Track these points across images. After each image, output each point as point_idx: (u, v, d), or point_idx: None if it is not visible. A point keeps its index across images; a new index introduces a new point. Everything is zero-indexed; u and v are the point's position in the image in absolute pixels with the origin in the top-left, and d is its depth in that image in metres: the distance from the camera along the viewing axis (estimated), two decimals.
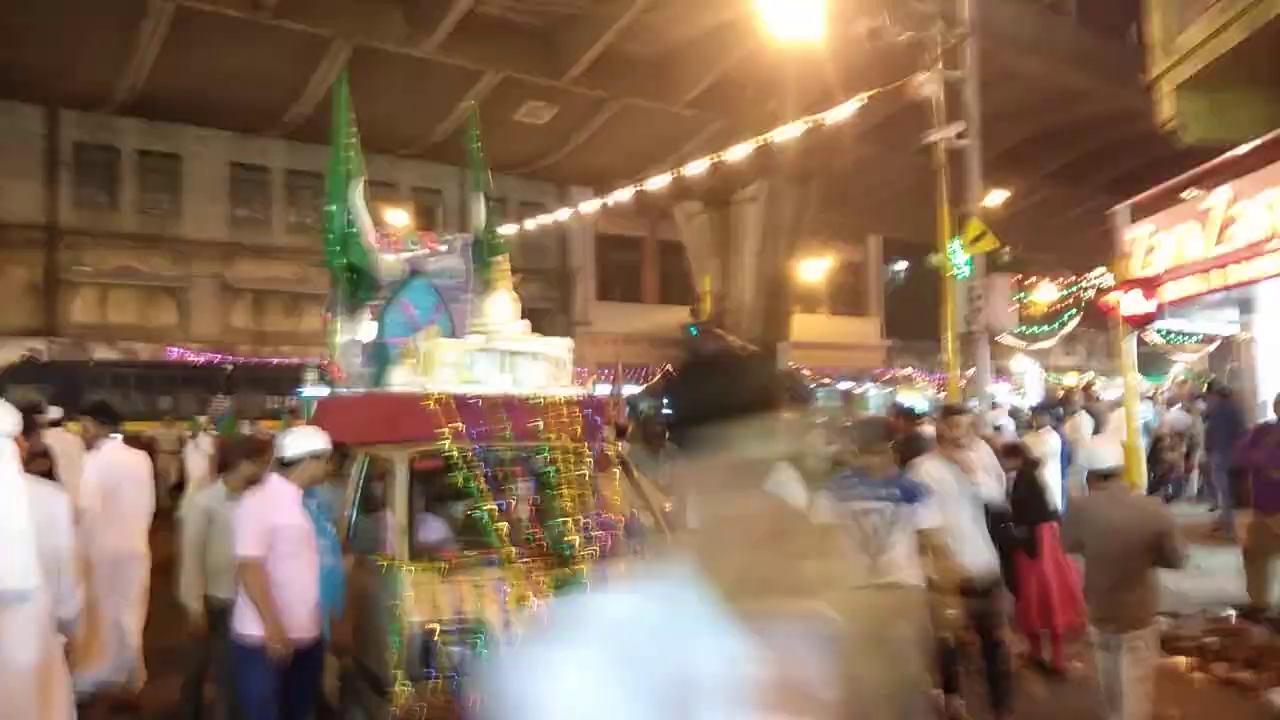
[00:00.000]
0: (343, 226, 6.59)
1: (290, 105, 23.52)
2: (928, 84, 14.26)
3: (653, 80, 22.87)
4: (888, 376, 39.14)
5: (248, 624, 4.76)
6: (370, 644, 4.60)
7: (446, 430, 4.92)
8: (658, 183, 21.28)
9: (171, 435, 18.94)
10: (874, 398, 38.67)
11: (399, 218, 29.88)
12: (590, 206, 22.38)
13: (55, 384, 19.00)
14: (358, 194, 6.61)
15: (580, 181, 30.29)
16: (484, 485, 4.80)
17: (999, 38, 18.25)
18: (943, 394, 41.10)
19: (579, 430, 5.23)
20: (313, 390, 14.61)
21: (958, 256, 16.73)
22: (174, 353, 25.31)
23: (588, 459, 5.15)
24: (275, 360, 24.03)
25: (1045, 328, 18.62)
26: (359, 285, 6.68)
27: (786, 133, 19.83)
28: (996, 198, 28.97)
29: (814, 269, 34.42)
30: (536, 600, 4.49)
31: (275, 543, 4.72)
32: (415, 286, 6.94)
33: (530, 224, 25.88)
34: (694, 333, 25.01)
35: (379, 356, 6.81)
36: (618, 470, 5.35)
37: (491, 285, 5.83)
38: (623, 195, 22.28)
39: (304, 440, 4.93)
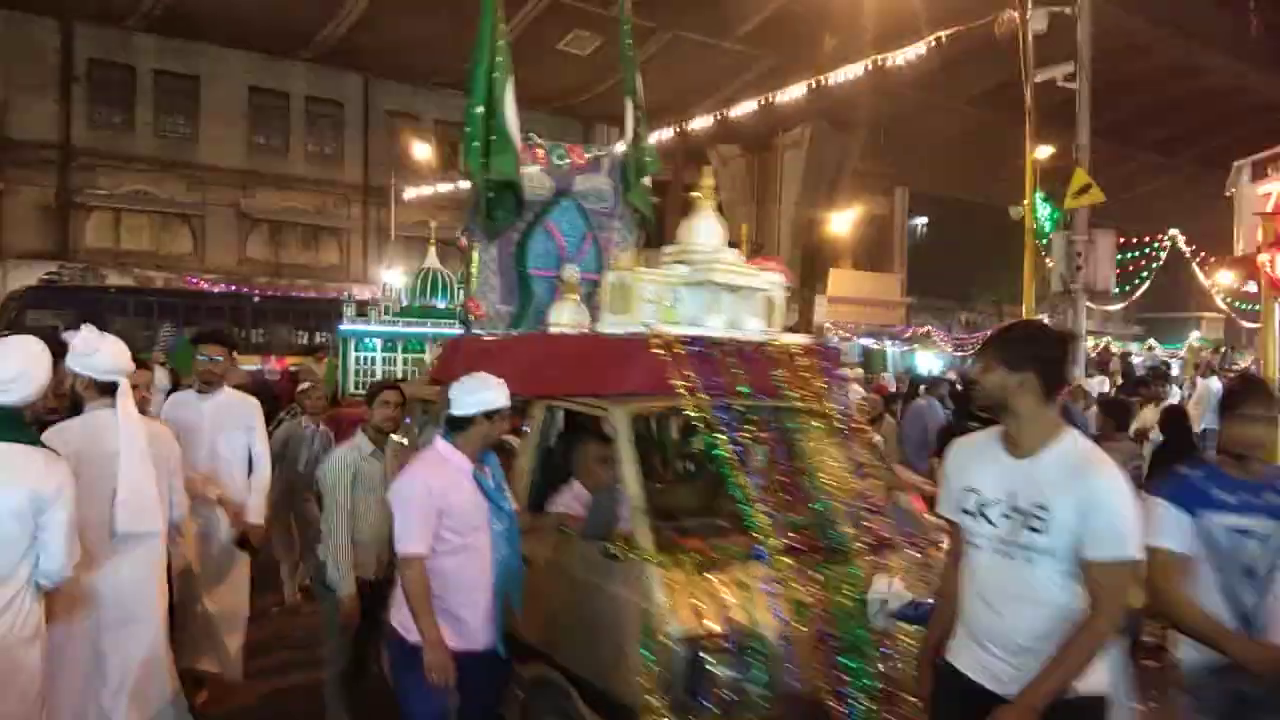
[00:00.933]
0: (487, 133, 5.39)
1: (324, 25, 22.00)
2: (1035, 20, 12.97)
3: (706, 12, 21.47)
4: (908, 334, 38.14)
5: (411, 624, 3.70)
6: (597, 656, 3.53)
7: (677, 382, 3.83)
8: (701, 123, 20.05)
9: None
10: (894, 356, 37.73)
11: (422, 151, 28.58)
12: (662, 134, 20.99)
13: (74, 310, 17.83)
14: (508, 95, 5.42)
15: (613, 120, 28.90)
16: (731, 455, 3.73)
17: None
18: (958, 355, 40.29)
19: (822, 388, 4.15)
20: (350, 326, 13.40)
21: (1042, 210, 15.64)
22: (192, 281, 24.09)
23: (842, 425, 4.08)
24: (304, 292, 22.80)
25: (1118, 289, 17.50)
26: (500, 204, 5.52)
27: (845, 73, 18.56)
28: (1044, 152, 27.81)
29: (841, 221, 33.27)
30: (815, 605, 3.44)
31: (444, 528, 3.62)
32: (563, 208, 5.76)
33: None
34: None
35: (522, 289, 5.69)
36: (870, 439, 4.28)
37: (694, 203, 4.69)
38: (664, 133, 20.97)
39: (481, 393, 3.80)
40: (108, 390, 3.77)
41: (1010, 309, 43.53)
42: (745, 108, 18.51)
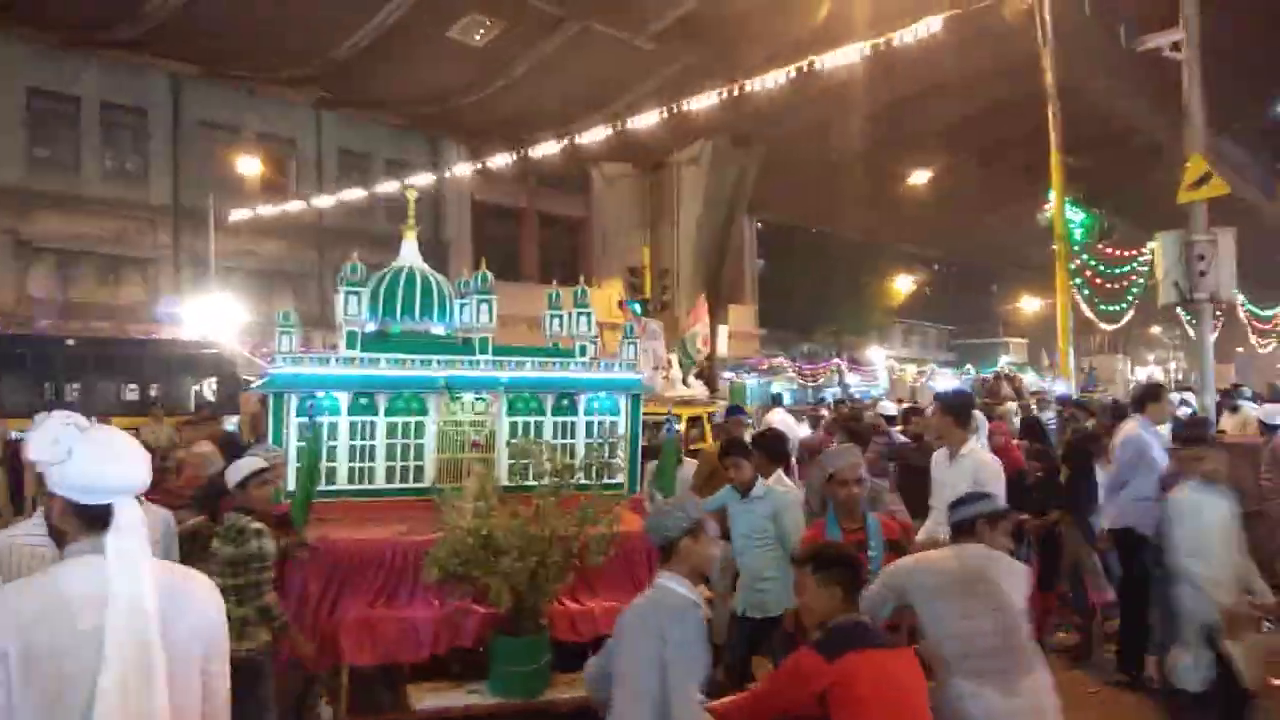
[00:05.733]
0: None
1: None
2: None
3: (618, 4, 18.22)
4: (765, 366, 36.13)
5: None
6: None
7: None
8: (646, 119, 16.74)
9: None
10: (754, 389, 35.54)
11: (250, 166, 23.67)
12: (547, 149, 17.30)
13: None
14: None
15: (464, 136, 25.06)
16: None
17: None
18: (811, 385, 38.64)
19: None
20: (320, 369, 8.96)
21: (1073, 213, 13.41)
22: None
23: None
24: (141, 335, 17.47)
25: (1116, 306, 15.51)
26: None
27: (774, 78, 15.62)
28: (921, 177, 26.22)
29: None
30: None
31: None
32: None
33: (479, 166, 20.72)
34: (636, 309, 20.58)
35: None
36: None
37: None
38: (550, 148, 17.36)
39: None
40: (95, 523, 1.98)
41: (849, 339, 42.73)
42: (705, 100, 15.34)
